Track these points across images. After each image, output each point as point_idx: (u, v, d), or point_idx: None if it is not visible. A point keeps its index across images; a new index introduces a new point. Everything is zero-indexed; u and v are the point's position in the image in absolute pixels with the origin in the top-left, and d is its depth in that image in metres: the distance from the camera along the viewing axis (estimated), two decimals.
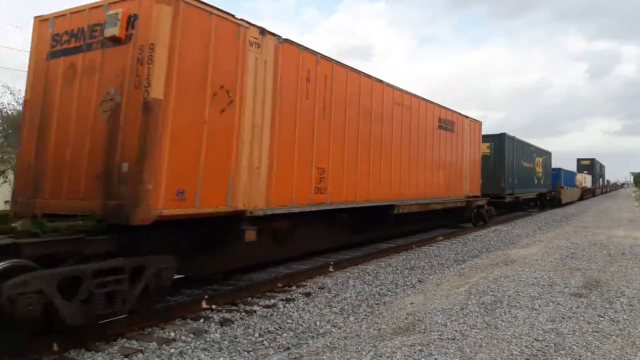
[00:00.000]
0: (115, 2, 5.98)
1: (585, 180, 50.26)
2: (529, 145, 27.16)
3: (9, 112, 17.31)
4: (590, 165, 66.74)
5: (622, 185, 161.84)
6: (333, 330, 5.85)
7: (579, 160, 69.11)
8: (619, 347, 4.84)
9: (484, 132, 18.47)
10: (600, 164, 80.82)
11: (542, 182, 29.55)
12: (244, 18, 6.92)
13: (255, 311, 6.59)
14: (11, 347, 4.66)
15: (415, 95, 12.29)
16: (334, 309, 6.81)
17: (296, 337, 5.62)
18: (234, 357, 4.99)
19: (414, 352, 4.64)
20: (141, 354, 5.00)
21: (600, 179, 77.32)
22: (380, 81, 10.67)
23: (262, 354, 5.06)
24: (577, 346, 4.82)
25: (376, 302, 7.24)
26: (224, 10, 6.52)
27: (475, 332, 5.23)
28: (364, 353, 4.69)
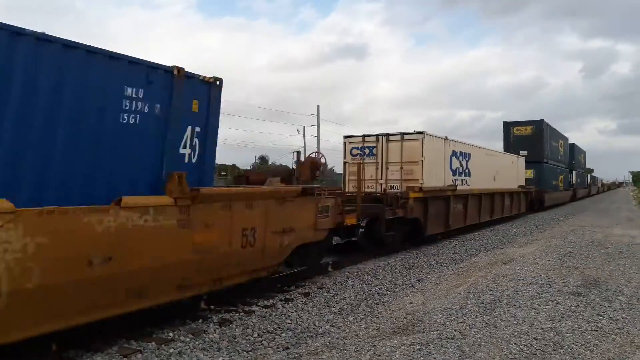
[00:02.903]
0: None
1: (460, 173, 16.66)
2: None
3: None
4: (533, 139, 29.79)
5: (620, 184, 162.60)
6: (332, 330, 5.84)
7: (508, 125, 31.07)
8: (617, 345, 4.84)
9: None
10: (577, 147, 45.35)
11: None
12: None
13: (254, 311, 6.58)
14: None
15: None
16: (333, 308, 6.81)
17: (295, 336, 5.62)
18: (233, 357, 4.98)
19: (413, 352, 4.63)
20: (140, 354, 4.99)
21: (573, 173, 42.27)
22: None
23: (261, 354, 5.05)
24: (576, 345, 4.82)
25: (375, 301, 7.24)
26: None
27: (474, 332, 5.23)
28: (363, 352, 4.68)
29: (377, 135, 13.88)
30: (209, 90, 7.17)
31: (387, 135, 13.68)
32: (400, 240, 12.43)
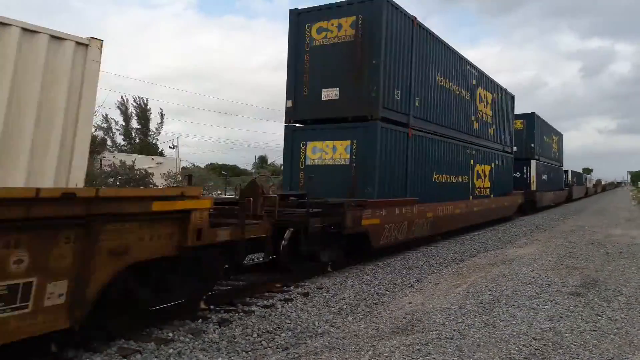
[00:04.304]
0: None
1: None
2: None
3: None
4: (357, 56, 10.17)
5: (619, 184, 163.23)
6: (331, 330, 5.84)
7: (298, 18, 11.15)
8: (616, 345, 4.85)
9: None
10: (543, 121, 30.44)
11: None
12: None
13: (253, 311, 6.58)
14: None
15: None
16: (333, 309, 6.81)
17: (295, 337, 5.62)
18: (232, 357, 4.98)
19: (412, 352, 4.64)
20: (139, 355, 4.98)
21: (532, 164, 26.56)
22: None
23: (260, 354, 5.05)
24: (575, 345, 4.83)
25: (374, 301, 7.24)
26: None
27: (473, 332, 5.24)
28: (362, 353, 4.69)
29: None
30: None
31: None
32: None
